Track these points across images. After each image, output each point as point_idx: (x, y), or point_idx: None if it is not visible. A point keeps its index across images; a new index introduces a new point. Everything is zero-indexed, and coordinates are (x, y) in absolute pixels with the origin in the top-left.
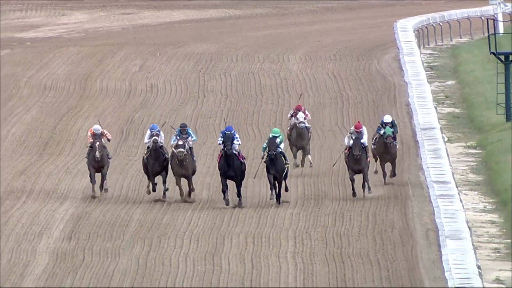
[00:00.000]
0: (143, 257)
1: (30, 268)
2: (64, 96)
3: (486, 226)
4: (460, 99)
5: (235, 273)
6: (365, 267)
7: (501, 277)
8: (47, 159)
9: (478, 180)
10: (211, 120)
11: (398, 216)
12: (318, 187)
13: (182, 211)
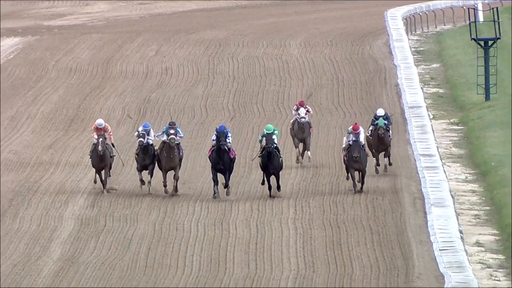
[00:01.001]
0: (158, 222)
1: (57, 233)
2: (87, 78)
3: (467, 194)
4: (444, 80)
5: (242, 237)
6: (358, 232)
7: (480, 241)
8: (72, 134)
9: (460, 153)
10: (219, 99)
11: (388, 186)
12: (316, 159)
13: (194, 182)
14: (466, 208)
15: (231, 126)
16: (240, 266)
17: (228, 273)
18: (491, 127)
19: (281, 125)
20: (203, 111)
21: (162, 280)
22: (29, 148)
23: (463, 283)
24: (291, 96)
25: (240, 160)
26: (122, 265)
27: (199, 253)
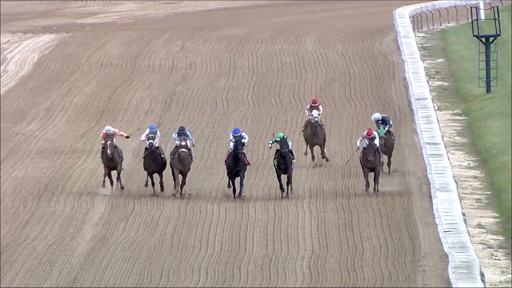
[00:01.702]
0: (183, 206)
1: (90, 215)
2: (117, 71)
3: (469, 180)
4: (448, 74)
5: (260, 220)
6: (369, 215)
7: (482, 223)
8: (103, 124)
9: (463, 142)
10: (240, 92)
11: (396, 173)
12: (329, 148)
13: (216, 169)
14: (469, 192)
15: (250, 116)
16: (259, 246)
17: (247, 253)
18: (492, 117)
19: (297, 116)
20: (225, 102)
21: (187, 260)
22: (63, 137)
23: (466, 262)
24: (307, 89)
25: (259, 148)
26: (150, 245)
27: (221, 234)
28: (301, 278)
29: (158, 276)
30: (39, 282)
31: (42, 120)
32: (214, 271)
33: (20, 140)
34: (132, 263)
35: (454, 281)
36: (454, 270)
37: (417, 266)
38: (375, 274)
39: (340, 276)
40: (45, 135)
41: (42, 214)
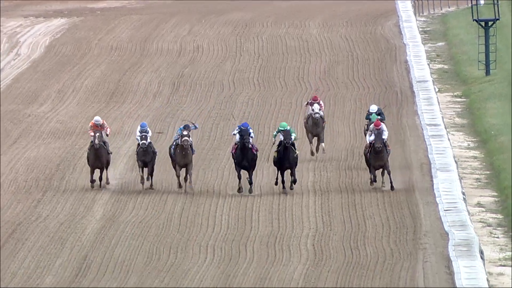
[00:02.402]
0: (193, 179)
1: (100, 195)
2: (127, 55)
3: (469, 160)
4: (448, 57)
5: (266, 199)
6: (371, 194)
7: (481, 202)
8: (113, 106)
9: (463, 123)
10: (246, 74)
11: (398, 152)
12: (332, 128)
13: (223, 149)
14: (468, 172)
15: (256, 98)
16: (264, 224)
17: (253, 231)
18: (491, 99)
19: (301, 98)
20: (231, 85)
21: (194, 237)
22: (74, 118)
23: (466, 240)
24: (311, 72)
25: (265, 129)
26: (158, 223)
27: (227, 212)
28: (305, 256)
29: (167, 253)
30: (51, 259)
31: (54, 102)
32: (221, 249)
33: (32, 122)
34: (141, 240)
35: (454, 259)
36: (454, 247)
37: (418, 244)
38: (377, 252)
39: (343, 253)
40: (57, 116)
41: (54, 193)
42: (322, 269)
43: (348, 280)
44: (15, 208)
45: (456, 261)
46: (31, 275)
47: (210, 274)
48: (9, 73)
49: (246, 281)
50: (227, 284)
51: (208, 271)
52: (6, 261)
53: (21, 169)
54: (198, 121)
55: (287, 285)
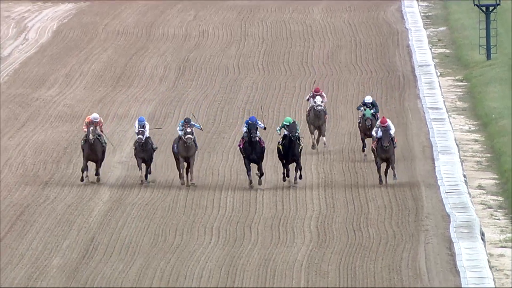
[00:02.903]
0: (196, 169)
1: (106, 178)
2: (133, 39)
3: (470, 143)
4: (450, 42)
5: (270, 181)
6: (374, 176)
7: (482, 184)
8: (119, 90)
9: (464, 107)
10: (250, 59)
11: (400, 135)
12: (335, 111)
13: (228, 133)
14: (470, 155)
15: (260, 82)
16: (269, 207)
17: (258, 213)
18: (492, 83)
19: (305, 82)
20: (236, 69)
21: (200, 219)
22: (81, 102)
23: (467, 222)
24: (314, 56)
25: (269, 113)
26: (164, 206)
27: (232, 195)
28: (308, 237)
29: (172, 235)
30: (58, 241)
31: (61, 86)
32: (226, 230)
33: (40, 105)
34: (147, 222)
35: (456, 240)
36: (456, 229)
37: (420, 226)
38: (380, 233)
39: (346, 234)
40: (64, 100)
41: (61, 176)
42: (325, 251)
43: (350, 261)
44: (23, 191)
45: (457, 243)
46: (39, 256)
47: (215, 255)
48: (17, 58)
49: (251, 262)
50: (232, 265)
51: (213, 253)
52: (14, 243)
53: (29, 152)
54: (203, 105)
55: (291, 266)
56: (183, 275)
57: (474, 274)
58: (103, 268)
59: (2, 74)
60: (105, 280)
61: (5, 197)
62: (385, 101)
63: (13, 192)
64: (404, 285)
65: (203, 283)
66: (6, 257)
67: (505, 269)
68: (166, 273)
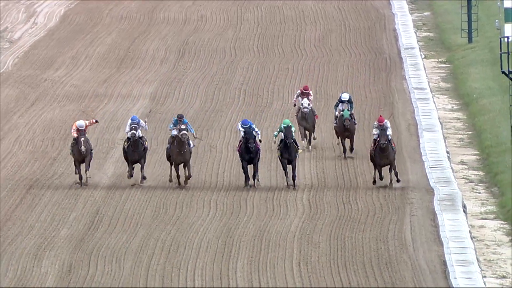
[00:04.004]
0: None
1: (111, 154)
2: (136, 24)
3: (453, 121)
4: (433, 26)
5: (264, 157)
6: (363, 153)
7: (464, 160)
8: (123, 71)
9: (447, 87)
10: (246, 42)
11: (387, 115)
12: (326, 91)
13: (225, 111)
14: (452, 132)
15: (255, 64)
16: (263, 181)
17: (253, 187)
18: (473, 65)
19: (298, 64)
20: (232, 52)
21: (198, 193)
22: (87, 82)
23: (450, 195)
24: (306, 39)
25: (263, 93)
26: (165, 180)
27: (229, 170)
28: (301, 210)
29: (173, 207)
30: (66, 213)
31: (68, 67)
32: (223, 203)
33: (48, 86)
34: (149, 196)
35: (439, 212)
36: (439, 202)
37: (405, 199)
38: (368, 206)
39: (336, 207)
40: (71, 81)
41: (68, 152)
42: (316, 222)
43: (340, 232)
44: (32, 166)
45: (440, 215)
46: (47, 228)
47: (213, 226)
48: (27, 41)
49: (246, 233)
50: (229, 236)
51: (211, 224)
52: (24, 215)
53: (38, 129)
54: (201, 86)
55: (284, 236)
56: (182, 245)
57: (456, 244)
58: (107, 238)
59: (13, 57)
60: (110, 250)
61: (15, 172)
62: (373, 81)
63: (23, 168)
64: (391, 254)
65: (201, 252)
66: (16, 228)
67: (486, 239)
68: (167, 243)
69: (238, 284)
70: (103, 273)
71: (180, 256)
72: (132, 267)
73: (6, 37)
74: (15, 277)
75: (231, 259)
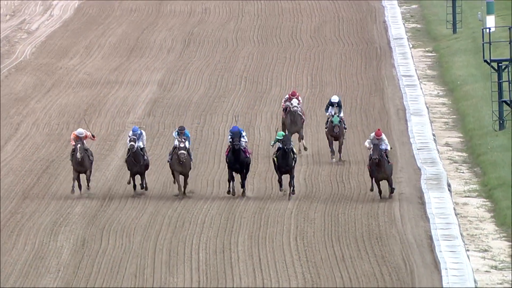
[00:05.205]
0: (199, 129)
1: (121, 136)
2: (144, 15)
3: (438, 106)
4: (421, 18)
5: (264, 139)
6: (354, 135)
7: (449, 142)
8: (132, 60)
9: (433, 74)
10: (247, 33)
11: (377, 100)
12: (321, 79)
13: (227, 97)
14: (438, 116)
15: (255, 53)
16: (262, 162)
17: (253, 167)
18: (457, 54)
19: (295, 53)
20: (234, 41)
21: (202, 173)
22: (99, 70)
23: (436, 175)
24: (303, 30)
25: (262, 80)
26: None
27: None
28: (297, 188)
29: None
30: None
31: (82, 56)
32: (225, 183)
33: (63, 73)
34: (157, 176)
35: (426, 190)
36: (426, 181)
37: (394, 178)
38: (360, 185)
39: (330, 186)
40: (84, 68)
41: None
42: (312, 200)
43: (334, 209)
44: (48, 148)
45: (427, 193)
46: (63, 205)
47: (216, 204)
48: (44, 32)
49: (247, 210)
50: (231, 213)
51: (214, 202)
52: (41, 193)
53: (53, 114)
54: (205, 74)
55: (282, 213)
56: (188, 221)
57: (441, 220)
58: (118, 214)
59: (30, 46)
60: (120, 225)
61: (33, 153)
62: (364, 69)
63: (40, 149)
64: (381, 229)
65: (205, 228)
66: (34, 205)
67: (469, 216)
68: (173, 219)
69: (239, 256)
70: (114, 246)
71: (186, 231)
72: (141, 241)
73: (24, 28)
74: (33, 251)
75: (233, 234)
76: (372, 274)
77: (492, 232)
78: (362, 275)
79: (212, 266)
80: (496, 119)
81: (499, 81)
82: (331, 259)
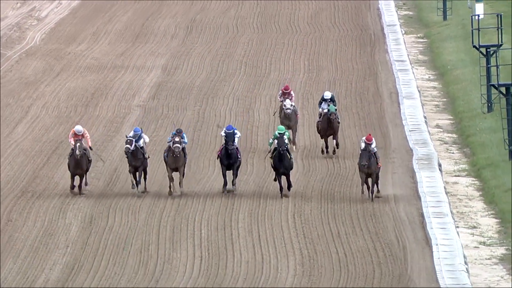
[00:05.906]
0: (201, 111)
1: (127, 118)
2: (149, 3)
3: (429, 90)
4: (412, 5)
5: (263, 122)
6: (349, 117)
7: (439, 124)
8: (138, 45)
9: (425, 59)
10: (247, 20)
11: (371, 84)
12: (317, 63)
13: (228, 81)
14: (429, 99)
15: (255, 39)
16: (262, 143)
17: (253, 147)
18: (447, 40)
19: (292, 39)
20: (235, 28)
21: (204, 153)
22: (106, 55)
23: (427, 155)
24: (300, 17)
25: (262, 64)
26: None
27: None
28: (295, 168)
29: None
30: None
31: (89, 42)
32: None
33: (72, 58)
34: (161, 157)
35: (417, 170)
36: (417, 161)
37: (388, 158)
38: (354, 164)
39: (326, 166)
40: (92, 54)
41: (89, 117)
42: (309, 178)
43: (330, 188)
44: (58, 129)
45: (419, 173)
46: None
47: (217, 183)
48: (53, 19)
49: (247, 188)
50: (231, 192)
51: (216, 181)
52: (50, 172)
53: (62, 97)
54: (207, 59)
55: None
56: (190, 199)
57: (432, 199)
58: (124, 193)
59: (40, 33)
60: (126, 204)
61: (43, 134)
62: (359, 55)
63: (49, 131)
64: (375, 207)
65: (207, 206)
66: (44, 184)
67: (458, 194)
68: (177, 198)
69: (240, 233)
70: (121, 224)
71: (188, 209)
72: (146, 218)
73: (34, 15)
74: (43, 227)
75: (234, 211)
76: (366, 249)
77: (481, 210)
78: (356, 251)
79: (214, 242)
80: (485, 102)
81: (488, 66)
82: (327, 235)
